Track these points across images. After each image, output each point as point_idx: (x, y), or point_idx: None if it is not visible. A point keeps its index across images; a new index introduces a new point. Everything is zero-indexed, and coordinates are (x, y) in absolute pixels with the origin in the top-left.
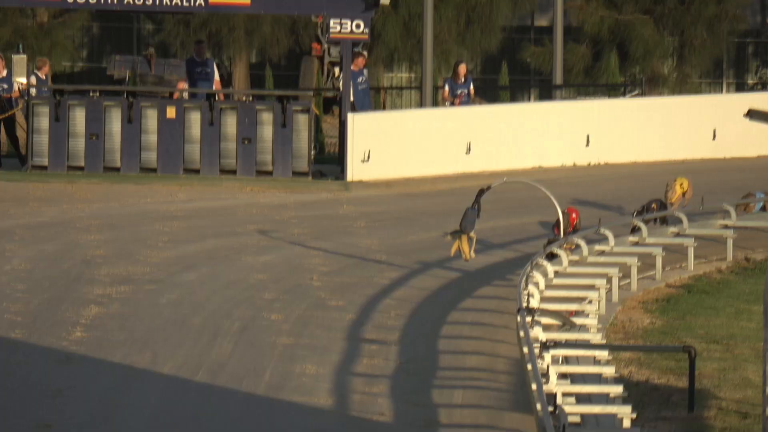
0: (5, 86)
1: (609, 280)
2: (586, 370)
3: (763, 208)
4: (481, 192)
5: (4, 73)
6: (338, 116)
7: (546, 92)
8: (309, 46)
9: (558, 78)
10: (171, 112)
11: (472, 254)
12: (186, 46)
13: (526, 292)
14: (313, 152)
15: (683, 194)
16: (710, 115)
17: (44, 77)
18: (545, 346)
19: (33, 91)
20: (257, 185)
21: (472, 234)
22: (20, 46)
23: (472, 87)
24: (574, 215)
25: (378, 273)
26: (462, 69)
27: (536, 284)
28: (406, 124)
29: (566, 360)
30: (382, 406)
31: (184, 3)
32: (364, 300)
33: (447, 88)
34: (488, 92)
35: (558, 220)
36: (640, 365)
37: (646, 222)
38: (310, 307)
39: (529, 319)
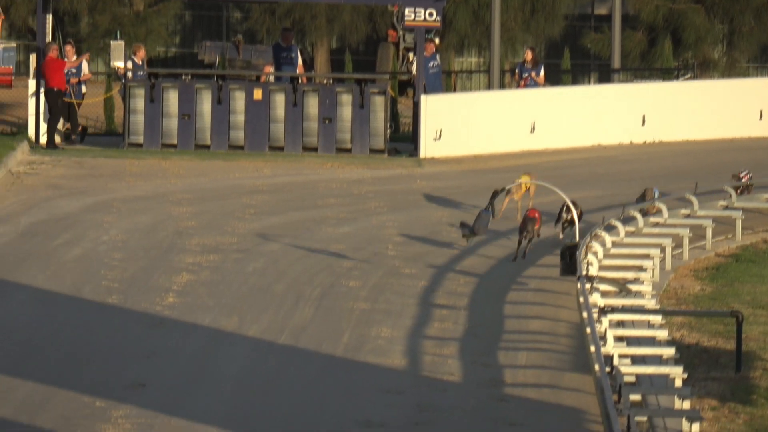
0: (74, 71)
1: (662, 250)
2: (640, 334)
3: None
4: (495, 194)
5: (74, 59)
6: (412, 98)
7: (605, 75)
8: (385, 33)
9: (616, 62)
10: (257, 94)
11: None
12: (271, 33)
13: (585, 261)
14: (388, 131)
15: (527, 190)
16: (757, 97)
17: (140, 62)
18: (603, 311)
19: (129, 74)
20: (337, 162)
21: (483, 236)
22: (118, 32)
23: (543, 73)
24: (537, 215)
25: (448, 243)
26: (528, 55)
27: (595, 253)
28: (475, 105)
29: (622, 324)
30: (451, 366)
31: None
32: (435, 268)
33: (517, 70)
34: (551, 76)
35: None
36: (690, 329)
37: (644, 214)
38: (385, 274)
39: (588, 286)
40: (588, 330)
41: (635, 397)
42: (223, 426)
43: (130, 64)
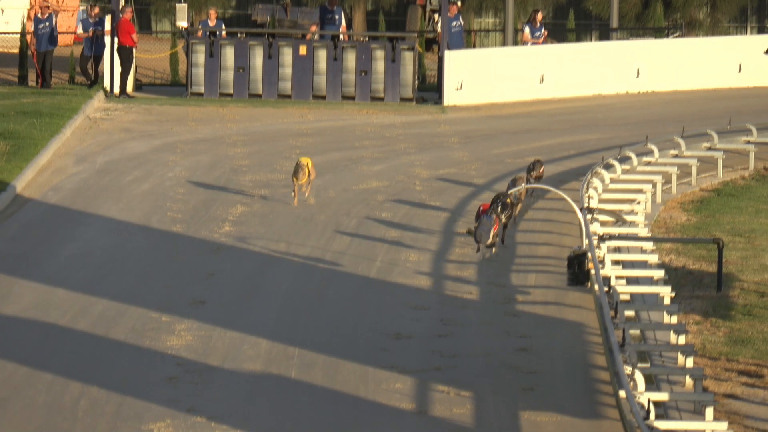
0: (100, 28)
1: (654, 186)
2: (634, 258)
3: None
4: (498, 198)
5: (95, 13)
6: (437, 53)
7: (604, 34)
8: None
9: (614, 22)
10: (303, 50)
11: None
12: None
13: (587, 195)
14: (416, 82)
15: (309, 171)
16: (737, 53)
17: (213, 23)
18: (602, 238)
19: (199, 32)
20: (371, 109)
21: (486, 243)
22: None
23: (544, 30)
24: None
25: (468, 179)
26: (539, 16)
27: (595, 189)
28: (491, 60)
29: (618, 250)
30: (470, 287)
31: None
32: (457, 201)
33: (527, 30)
34: (558, 34)
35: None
36: (678, 254)
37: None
38: (413, 206)
39: (589, 216)
40: (589, 255)
41: (629, 312)
42: (272, 338)
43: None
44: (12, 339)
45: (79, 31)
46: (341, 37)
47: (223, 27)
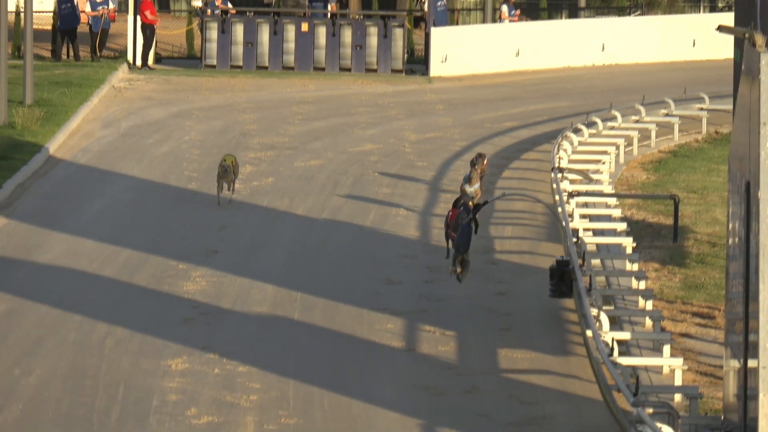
0: (105, 7)
1: (617, 148)
2: (599, 212)
3: None
4: (478, 207)
5: None
6: (424, 30)
7: (573, 13)
8: None
9: (582, 2)
10: (304, 27)
11: (463, 277)
12: None
13: (557, 156)
14: (405, 56)
15: (234, 170)
16: (691, 30)
17: (218, 3)
18: (571, 195)
19: (208, 11)
20: (365, 79)
21: (467, 257)
22: None
23: (517, 10)
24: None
25: (451, 142)
26: None
27: (565, 150)
28: (472, 36)
29: (585, 205)
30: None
31: None
32: (442, 161)
33: (504, 9)
34: (532, 13)
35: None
36: (638, 209)
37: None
38: (403, 166)
39: (560, 175)
40: (559, 209)
41: (596, 261)
42: (277, 284)
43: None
44: (46, 284)
45: (87, 9)
46: (330, 6)
47: (229, 4)
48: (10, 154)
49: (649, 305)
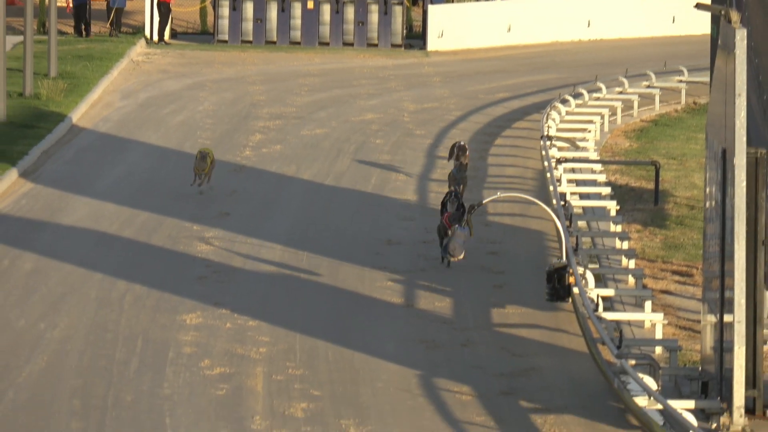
0: None
1: (602, 117)
2: (585, 177)
3: None
4: (472, 208)
5: None
6: (422, 7)
7: None
8: None
9: None
10: (310, 5)
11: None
12: None
13: (546, 125)
14: (404, 31)
15: (211, 162)
16: (671, 6)
17: None
18: (559, 161)
19: None
20: (367, 53)
21: (460, 257)
22: None
23: None
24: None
25: (447, 112)
26: None
27: (553, 120)
28: (467, 13)
29: (572, 170)
30: None
31: None
32: (438, 130)
33: None
34: None
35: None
36: (622, 174)
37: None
38: (402, 134)
39: (548, 143)
40: (548, 175)
41: (582, 223)
42: (285, 244)
43: None
44: (69, 245)
45: None
46: None
47: None
48: (35, 123)
49: (631, 264)
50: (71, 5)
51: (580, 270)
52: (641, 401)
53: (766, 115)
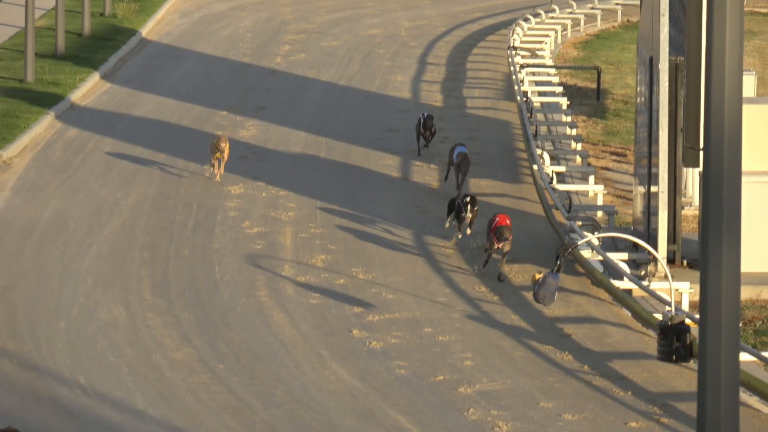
0: None
1: (556, 32)
2: (543, 79)
3: None
4: (565, 251)
5: None
6: None
7: None
8: None
9: None
10: None
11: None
12: None
13: (512, 38)
14: None
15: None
16: None
17: None
18: (522, 66)
19: None
20: None
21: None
22: None
23: None
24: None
25: (435, 28)
26: None
27: (518, 34)
28: None
29: (533, 74)
30: (436, 97)
31: None
32: (428, 41)
33: None
34: None
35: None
36: (571, 77)
37: None
38: (399, 46)
39: (514, 52)
40: (513, 77)
41: (540, 115)
42: (308, 131)
43: None
44: (140, 131)
45: None
46: None
47: None
48: (113, 36)
49: (579, 146)
50: None
51: (539, 151)
52: (586, 254)
53: (683, 30)
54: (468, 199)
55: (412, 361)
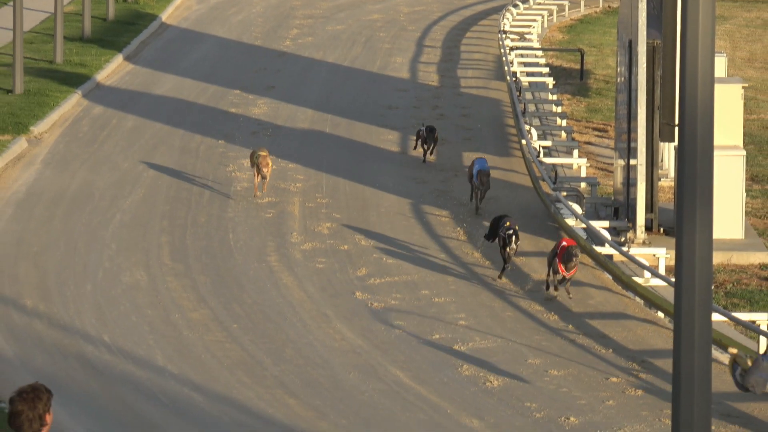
0: None
1: (543, 17)
2: (531, 60)
3: None
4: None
5: None
6: None
7: None
8: None
9: None
10: None
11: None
12: None
13: (503, 22)
14: None
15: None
16: None
17: None
18: (511, 48)
19: None
20: None
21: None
22: None
23: None
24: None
25: (432, 13)
26: None
27: (507, 19)
28: None
29: (522, 55)
30: (432, 78)
31: None
32: (425, 26)
33: None
34: None
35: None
36: (556, 58)
37: None
38: (399, 29)
39: (504, 35)
40: (504, 58)
41: (528, 94)
42: (315, 108)
43: None
44: (160, 108)
45: None
46: None
47: None
48: (135, 21)
49: (563, 123)
50: None
51: (527, 127)
52: (570, 222)
53: (659, 15)
54: (511, 231)
55: (411, 321)
